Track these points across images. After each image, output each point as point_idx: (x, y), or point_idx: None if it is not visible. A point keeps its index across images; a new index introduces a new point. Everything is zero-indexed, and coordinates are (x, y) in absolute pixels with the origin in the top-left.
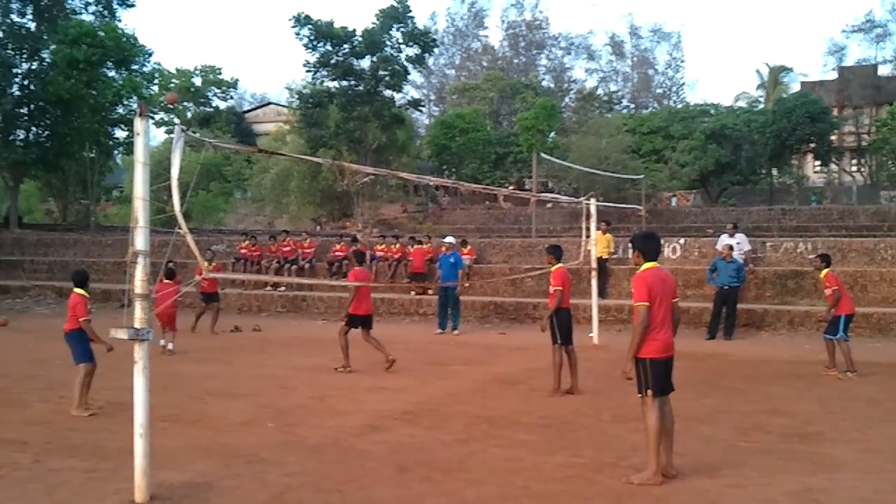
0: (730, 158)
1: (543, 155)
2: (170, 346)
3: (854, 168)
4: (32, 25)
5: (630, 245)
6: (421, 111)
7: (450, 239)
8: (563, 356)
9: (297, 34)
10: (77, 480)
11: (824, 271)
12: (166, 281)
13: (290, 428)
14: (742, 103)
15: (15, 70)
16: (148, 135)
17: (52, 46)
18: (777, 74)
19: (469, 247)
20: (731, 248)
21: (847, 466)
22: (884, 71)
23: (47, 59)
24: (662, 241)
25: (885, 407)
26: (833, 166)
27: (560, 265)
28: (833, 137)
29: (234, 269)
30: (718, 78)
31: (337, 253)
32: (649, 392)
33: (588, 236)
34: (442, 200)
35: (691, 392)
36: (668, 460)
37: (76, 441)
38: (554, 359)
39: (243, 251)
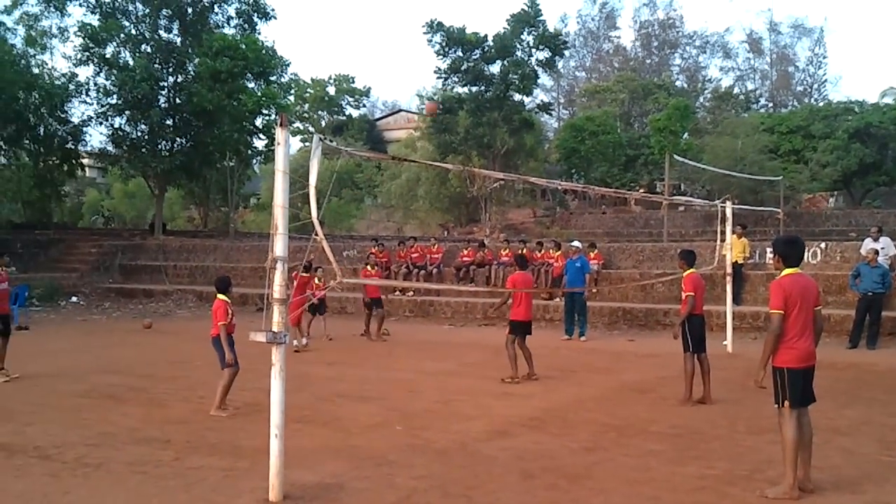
0: (875, 158)
1: (676, 157)
2: (303, 341)
3: None
4: (178, 40)
5: (771, 249)
6: (550, 114)
7: (576, 243)
8: (694, 364)
9: (430, 41)
10: (214, 478)
11: None
12: (304, 274)
13: (418, 431)
14: (889, 100)
15: (162, 83)
16: (288, 144)
17: (196, 60)
18: None
19: (596, 251)
20: (875, 252)
21: None
22: None
23: (192, 72)
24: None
25: None
26: None
27: (692, 270)
28: None
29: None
30: (864, 73)
31: (464, 258)
32: (786, 403)
33: (723, 240)
34: (570, 204)
35: (831, 403)
36: (805, 474)
37: (214, 440)
38: (685, 367)
39: (372, 256)
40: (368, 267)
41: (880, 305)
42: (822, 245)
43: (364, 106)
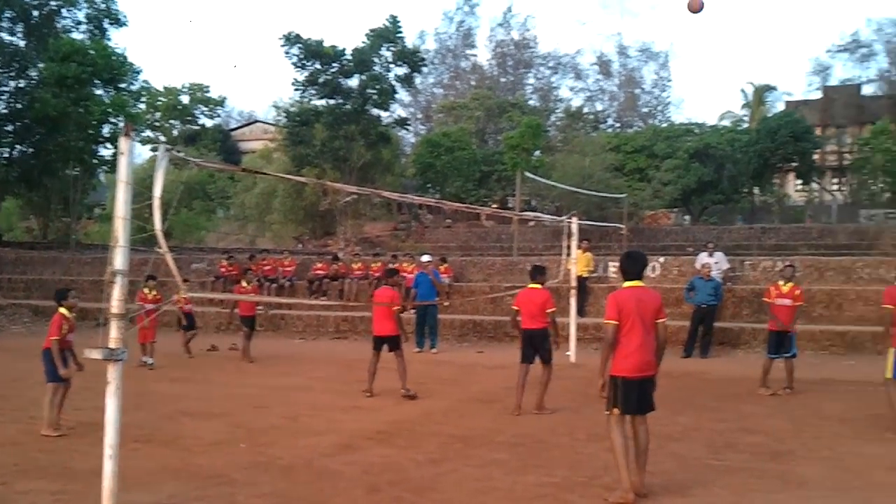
0: (712, 177)
1: (528, 174)
2: (149, 360)
3: (835, 187)
4: (22, 43)
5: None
6: (407, 130)
7: (426, 257)
8: (523, 374)
9: (287, 53)
10: (43, 503)
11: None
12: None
13: (263, 448)
14: (726, 122)
15: (2, 87)
16: (132, 154)
17: (41, 65)
18: (761, 94)
19: (446, 265)
20: (709, 266)
21: (816, 484)
22: (868, 90)
23: (35, 77)
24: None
25: (855, 425)
26: (814, 185)
27: (533, 285)
28: (815, 156)
29: (213, 288)
30: (704, 97)
31: (317, 271)
32: (615, 410)
33: (569, 255)
34: (425, 219)
35: (666, 410)
36: (640, 479)
37: (45, 462)
38: (547, 376)
39: (222, 270)
40: (244, 283)
41: (713, 317)
42: (661, 259)
43: (219, 116)
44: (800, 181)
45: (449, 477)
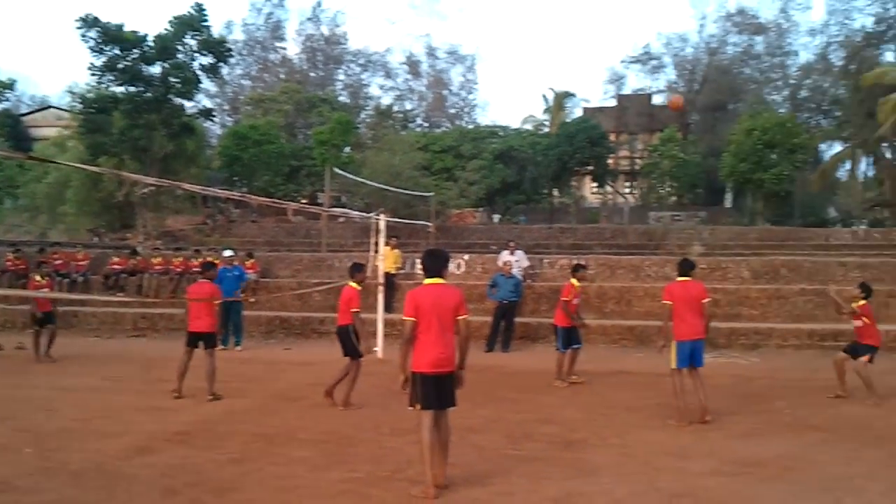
0: (515, 178)
1: (337, 170)
2: None
3: (627, 190)
4: None
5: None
6: (213, 121)
7: (228, 252)
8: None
9: (84, 36)
10: None
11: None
12: None
13: (51, 453)
14: (529, 126)
15: None
16: None
17: None
18: (561, 100)
19: (253, 260)
20: (510, 264)
21: (605, 470)
22: (658, 100)
23: None
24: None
25: (642, 413)
26: (608, 188)
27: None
28: (610, 161)
29: None
30: (508, 101)
31: (114, 266)
32: (417, 406)
33: (377, 251)
34: (232, 213)
35: (468, 403)
36: (441, 472)
37: None
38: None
39: (8, 264)
40: (38, 277)
41: (514, 312)
42: (466, 257)
43: (7, 100)
44: (595, 184)
45: (251, 476)
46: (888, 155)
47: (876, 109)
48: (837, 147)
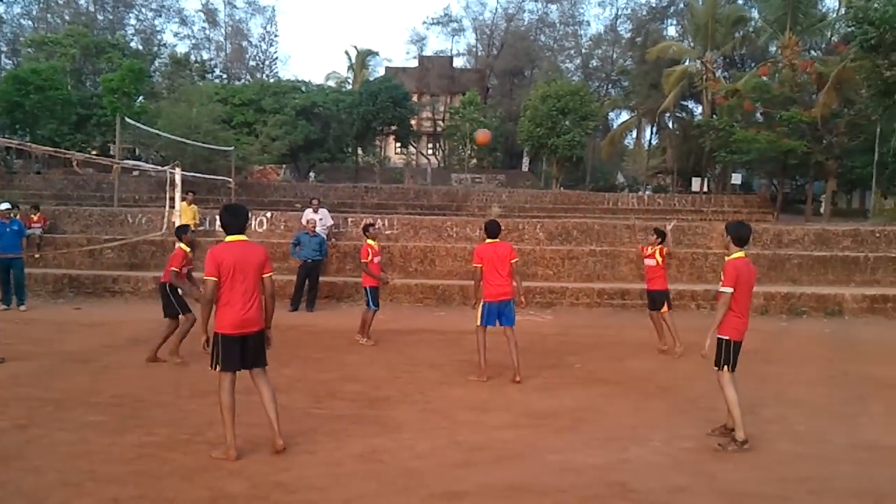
0: (319, 135)
1: (129, 120)
2: None
3: (430, 152)
4: None
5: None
6: None
7: (5, 205)
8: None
9: None
10: None
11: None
12: None
13: None
14: (332, 83)
15: None
16: None
17: None
18: (364, 58)
19: (39, 213)
20: (314, 222)
21: (409, 426)
22: (458, 63)
23: None
24: (250, 214)
25: (444, 370)
26: (412, 149)
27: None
28: (413, 122)
29: None
30: (310, 56)
31: None
32: (217, 367)
33: (173, 207)
34: (13, 164)
35: (273, 363)
36: (275, 432)
37: None
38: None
39: None
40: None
41: (318, 271)
42: (269, 214)
43: None
44: (399, 145)
45: (38, 443)
46: (671, 125)
47: (661, 81)
48: (625, 116)
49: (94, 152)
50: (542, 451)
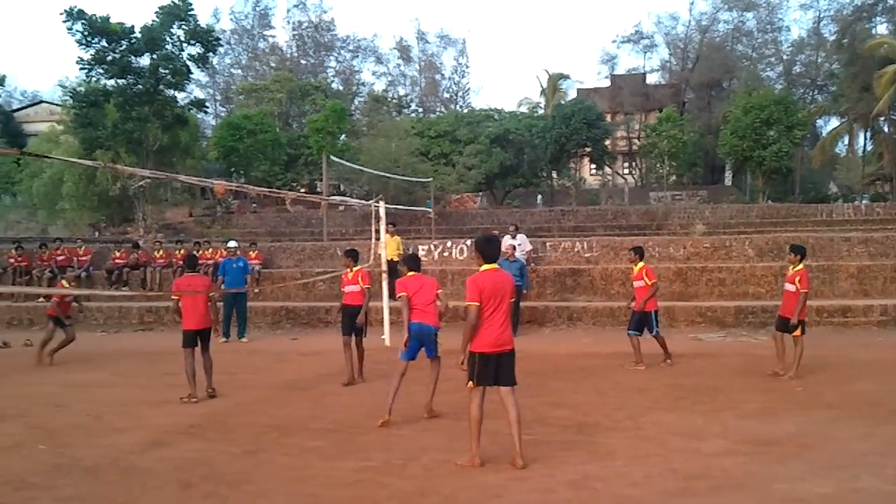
0: (513, 162)
1: (334, 158)
2: None
3: (626, 171)
4: None
5: (473, 246)
6: (206, 112)
7: (232, 243)
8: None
9: (70, 29)
10: None
11: (640, 265)
12: None
13: (64, 449)
14: (524, 109)
15: None
16: None
17: None
18: (556, 81)
19: (257, 251)
20: (513, 248)
21: (620, 453)
22: (652, 79)
23: None
24: (449, 243)
25: (653, 395)
26: (607, 169)
27: (359, 266)
28: (607, 142)
29: (1, 281)
30: (502, 84)
31: (117, 260)
32: (473, 383)
33: (378, 239)
34: (231, 204)
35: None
36: (517, 451)
37: None
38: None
39: (11, 261)
40: (65, 283)
41: (520, 297)
42: (468, 242)
43: None
44: (594, 166)
45: (264, 468)
46: (886, 129)
47: (872, 83)
48: (834, 122)
49: (302, 189)
50: (764, 479)
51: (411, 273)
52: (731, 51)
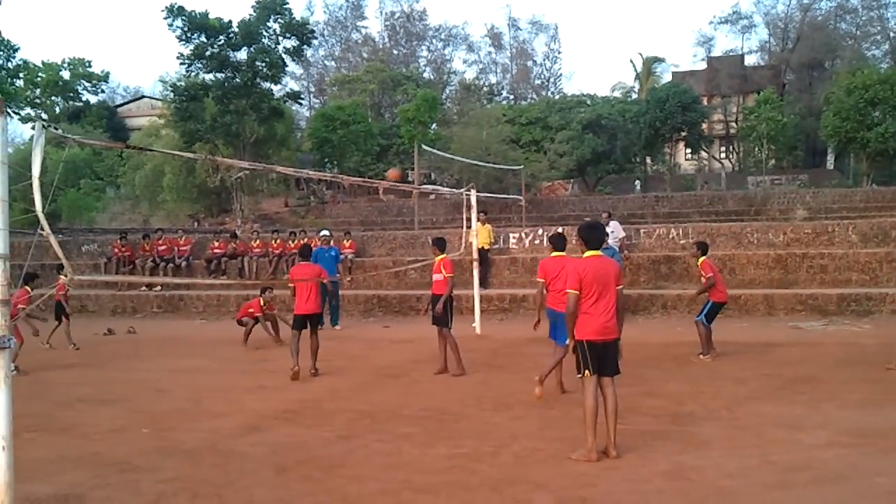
0: (605, 147)
1: (425, 147)
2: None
3: (723, 155)
4: None
5: (576, 234)
6: (301, 104)
7: (325, 232)
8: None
9: (170, 26)
10: None
11: (701, 259)
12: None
13: (165, 433)
14: (617, 94)
15: None
16: (6, 133)
17: None
18: (650, 65)
19: (350, 240)
20: (606, 235)
21: (716, 444)
22: (750, 60)
23: None
24: (541, 231)
25: (750, 385)
26: (703, 154)
27: (445, 255)
28: (703, 126)
29: (106, 270)
30: (594, 69)
31: (215, 250)
32: (586, 373)
33: (469, 227)
34: (325, 194)
35: (567, 377)
36: (610, 440)
37: None
38: (449, 341)
39: (115, 251)
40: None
41: None
42: (560, 230)
43: (103, 91)
44: (689, 150)
45: (358, 453)
46: None
47: None
48: None
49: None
50: (867, 472)
51: (555, 254)
52: (834, 29)
